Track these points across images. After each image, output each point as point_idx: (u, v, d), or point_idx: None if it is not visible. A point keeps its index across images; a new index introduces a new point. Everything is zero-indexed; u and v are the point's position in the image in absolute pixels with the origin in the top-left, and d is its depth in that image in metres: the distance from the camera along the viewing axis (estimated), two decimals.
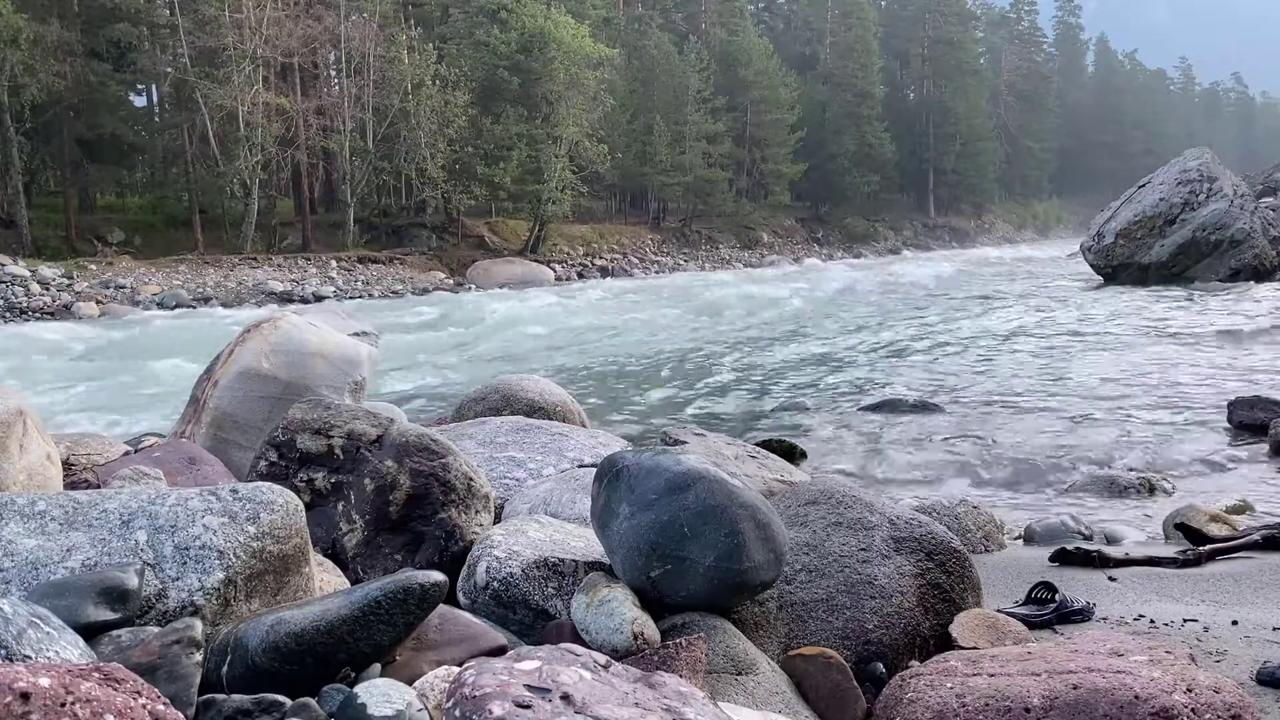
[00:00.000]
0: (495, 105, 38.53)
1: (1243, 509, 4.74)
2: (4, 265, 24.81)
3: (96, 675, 1.39)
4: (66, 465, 3.44)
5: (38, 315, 22.59)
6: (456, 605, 2.38)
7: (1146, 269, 21.71)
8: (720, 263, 46.98)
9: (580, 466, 3.61)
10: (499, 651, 2.03)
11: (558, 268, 37.72)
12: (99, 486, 2.96)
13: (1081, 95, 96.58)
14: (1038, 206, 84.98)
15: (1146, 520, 4.80)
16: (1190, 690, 1.94)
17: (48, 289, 24.50)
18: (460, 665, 1.82)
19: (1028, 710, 1.96)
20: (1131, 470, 5.79)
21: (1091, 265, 23.47)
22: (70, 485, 3.07)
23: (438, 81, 36.46)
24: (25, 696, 1.26)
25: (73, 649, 1.67)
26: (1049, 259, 38.64)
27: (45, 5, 30.06)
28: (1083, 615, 3.04)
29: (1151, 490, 5.40)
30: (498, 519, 3.10)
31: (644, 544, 2.28)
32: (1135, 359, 10.61)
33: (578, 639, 2.18)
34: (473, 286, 32.31)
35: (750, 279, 32.18)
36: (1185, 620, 2.97)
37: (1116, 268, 22.38)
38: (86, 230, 31.40)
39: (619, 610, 2.19)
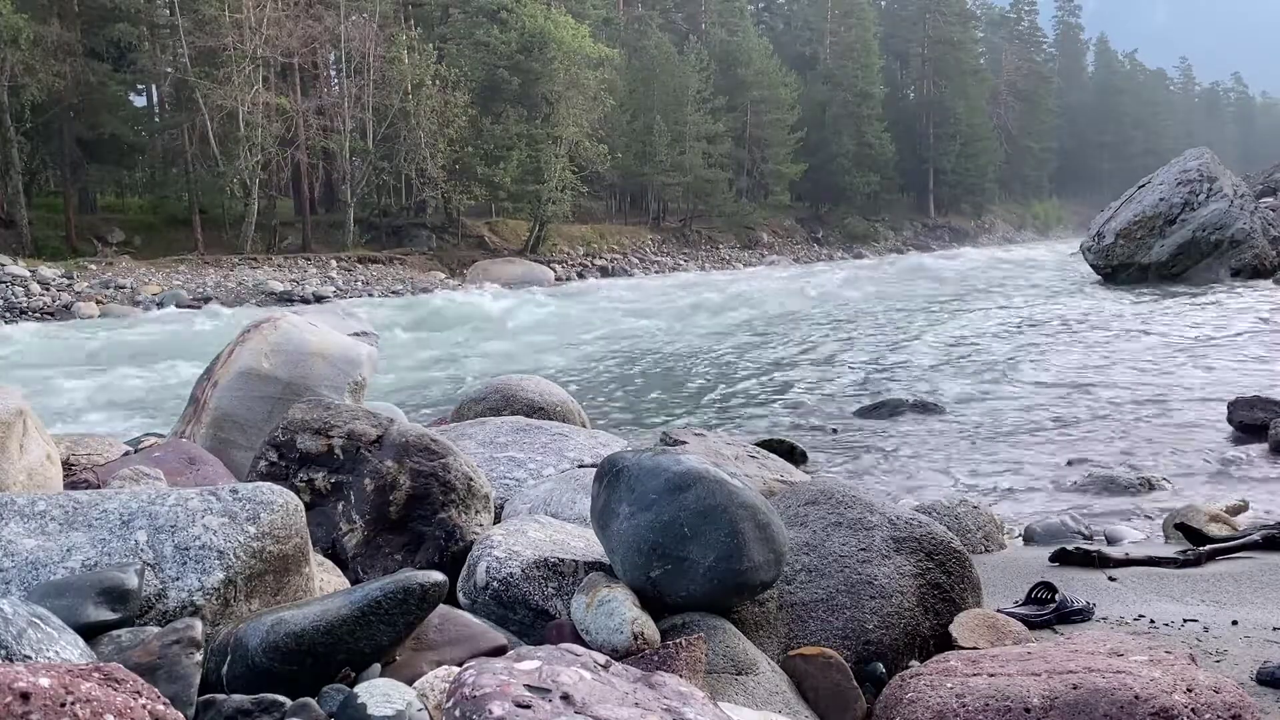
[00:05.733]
0: (495, 105, 38.55)
1: (1242, 509, 4.74)
2: (4, 265, 24.82)
3: (96, 675, 1.39)
4: (66, 465, 3.44)
5: (38, 315, 22.58)
6: (456, 605, 2.38)
7: (1146, 269, 21.70)
8: (720, 263, 46.98)
9: (580, 467, 3.61)
10: (499, 651, 2.03)
11: (558, 268, 37.72)
12: (99, 486, 2.96)
13: (1081, 95, 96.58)
14: (1037, 206, 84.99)
15: (1146, 520, 4.80)
16: (1190, 690, 1.94)
17: (48, 289, 24.51)
18: (460, 665, 1.82)
19: (1028, 710, 1.96)
20: (1131, 470, 5.79)
21: (1091, 265, 23.46)
22: (70, 485, 3.07)
23: (438, 81, 36.47)
24: (25, 696, 1.26)
25: (73, 649, 1.67)
26: (1022, 257, 38.71)
27: (45, 5, 30.07)
28: (1083, 615, 3.04)
29: (1151, 490, 5.41)
30: (498, 519, 3.10)
31: (644, 544, 2.28)
32: (1135, 359, 10.61)
33: (578, 639, 2.18)
34: (473, 286, 32.31)
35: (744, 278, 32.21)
36: (1185, 620, 2.97)
37: (1116, 268, 22.37)
38: (87, 230, 31.41)
39: (619, 610, 2.19)
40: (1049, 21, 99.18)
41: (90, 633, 1.81)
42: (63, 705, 1.28)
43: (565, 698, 1.56)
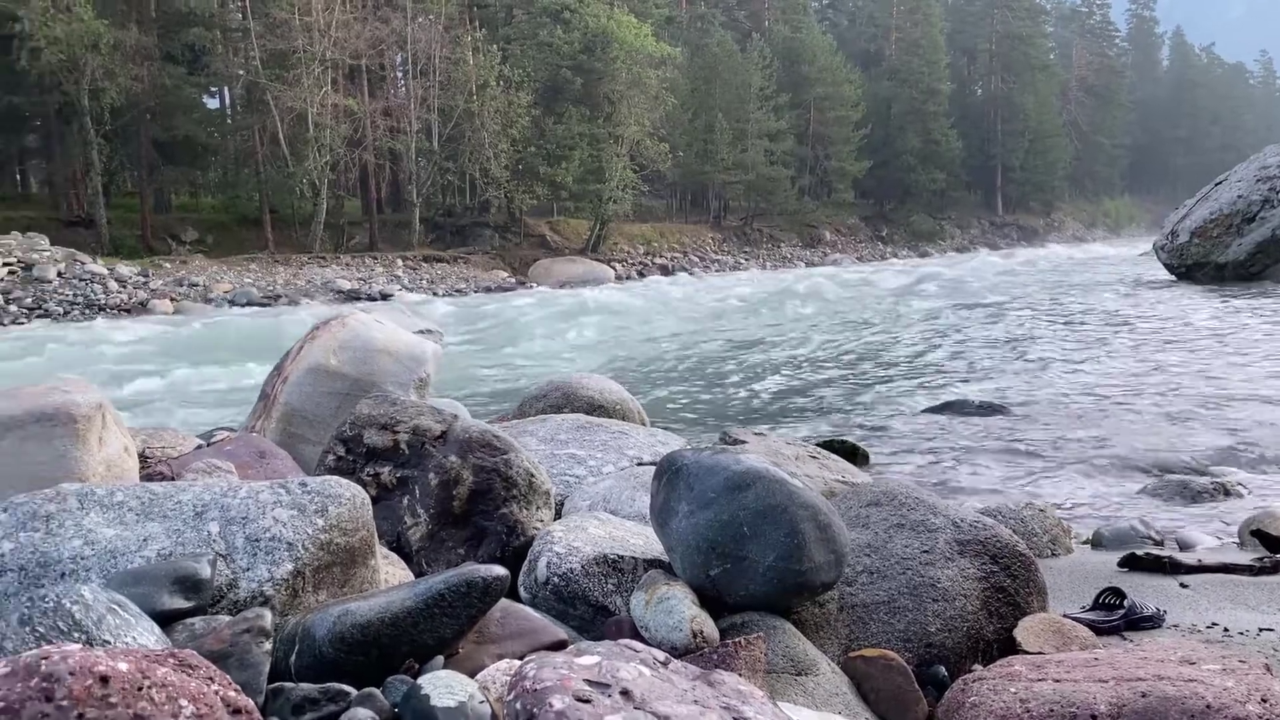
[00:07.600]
0: (558, 105, 38.80)
1: None
2: (84, 263, 25.61)
3: (172, 661, 1.43)
4: (143, 458, 3.54)
5: (115, 312, 23.29)
6: (517, 600, 2.40)
7: (1223, 268, 21.09)
8: (782, 261, 46.66)
9: (640, 464, 3.62)
10: (559, 646, 2.04)
11: (618, 266, 37.82)
12: (173, 479, 3.04)
13: (1156, 90, 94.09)
14: (1109, 204, 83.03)
15: (1221, 526, 4.67)
16: (1265, 701, 1.89)
17: (125, 286, 25.25)
18: (521, 659, 1.84)
19: (1094, 717, 1.92)
20: (1205, 474, 5.63)
21: (1165, 264, 22.88)
22: (146, 477, 3.16)
23: (502, 82, 36.79)
24: (105, 680, 1.31)
25: (149, 635, 1.73)
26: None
27: (124, 11, 30.98)
28: (1152, 622, 2.97)
29: (1226, 494, 5.25)
30: (558, 515, 3.12)
31: (703, 542, 2.28)
32: (1209, 361, 10.32)
33: (637, 636, 2.18)
34: (534, 285, 32.54)
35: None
36: (1261, 629, 2.89)
37: (1191, 267, 21.78)
38: (162, 230, 32.28)
39: (678, 608, 2.19)
40: (1122, 15, 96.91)
41: (165, 620, 1.87)
42: (140, 689, 1.33)
43: (625, 693, 1.57)
